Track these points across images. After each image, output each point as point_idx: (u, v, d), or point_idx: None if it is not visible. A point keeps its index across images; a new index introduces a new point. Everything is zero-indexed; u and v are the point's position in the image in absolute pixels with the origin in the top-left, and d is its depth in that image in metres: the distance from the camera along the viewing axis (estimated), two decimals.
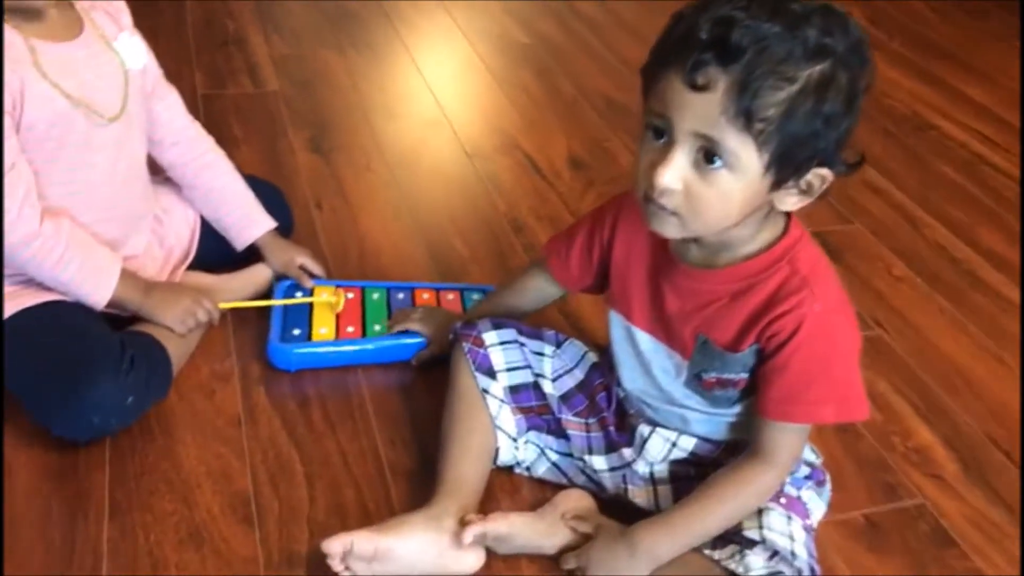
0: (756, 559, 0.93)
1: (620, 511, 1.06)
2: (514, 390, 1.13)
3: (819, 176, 0.85)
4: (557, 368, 1.15)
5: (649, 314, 1.01)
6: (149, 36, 1.28)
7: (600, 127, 1.96)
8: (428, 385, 1.26)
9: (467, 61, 2.24)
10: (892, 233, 1.70)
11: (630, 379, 1.07)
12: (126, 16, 1.26)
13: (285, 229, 1.47)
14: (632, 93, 2.08)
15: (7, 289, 1.16)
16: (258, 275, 1.38)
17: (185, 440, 1.17)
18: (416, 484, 1.13)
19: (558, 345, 1.17)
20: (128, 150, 1.25)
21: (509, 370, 1.13)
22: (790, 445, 0.95)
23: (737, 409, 1.00)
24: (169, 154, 1.35)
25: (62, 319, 1.14)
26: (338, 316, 1.32)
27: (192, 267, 1.37)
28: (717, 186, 0.82)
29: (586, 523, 1.03)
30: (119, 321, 1.22)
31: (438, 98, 2.03)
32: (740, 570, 0.92)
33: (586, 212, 1.15)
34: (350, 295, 1.36)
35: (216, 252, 1.39)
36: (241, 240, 1.38)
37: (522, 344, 1.15)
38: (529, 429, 1.13)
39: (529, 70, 2.18)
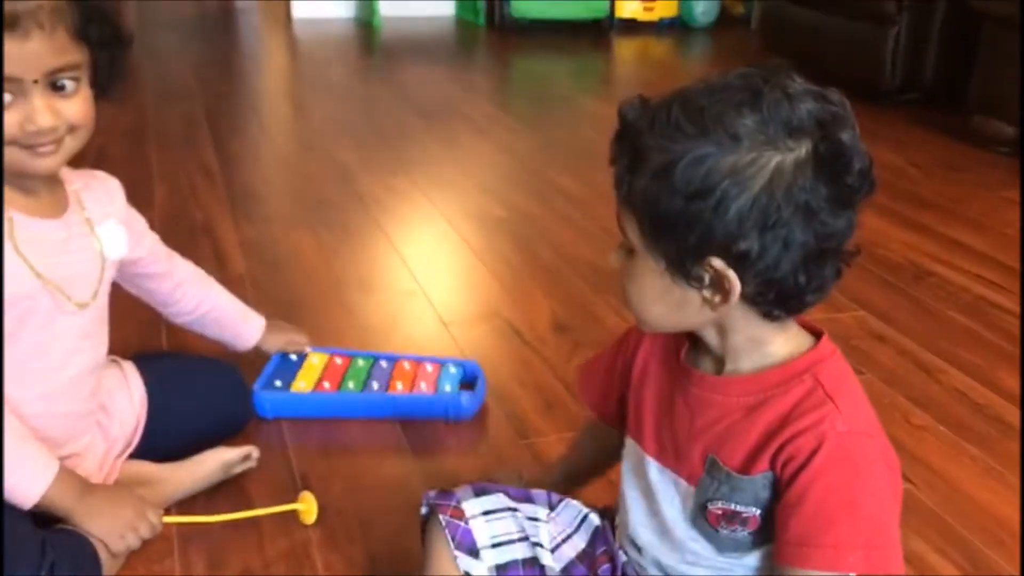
0: None
1: None
2: (502, 568, 0.94)
3: (715, 270, 0.74)
4: (555, 535, 0.98)
5: (658, 435, 0.88)
6: None
7: (584, 291, 1.87)
8: (397, 570, 1.10)
9: (443, 235, 2.18)
10: (905, 382, 1.57)
11: (639, 522, 0.91)
12: (120, 197, 1.20)
13: (243, 414, 1.37)
14: None
15: None
16: (205, 465, 1.23)
17: None
18: None
19: (552, 508, 1.00)
20: (89, 342, 1.14)
21: (496, 546, 0.95)
22: None
23: (753, 562, 0.84)
24: (181, 292, 1.37)
25: None
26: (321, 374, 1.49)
27: (136, 455, 1.23)
28: (629, 268, 0.80)
29: None
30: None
31: (413, 271, 1.96)
32: None
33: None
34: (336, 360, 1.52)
35: (163, 438, 1.25)
36: (245, 346, 1.47)
37: (513, 511, 0.97)
38: None
39: (508, 241, 2.11)
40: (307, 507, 1.18)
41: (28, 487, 1.02)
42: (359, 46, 4.29)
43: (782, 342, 0.81)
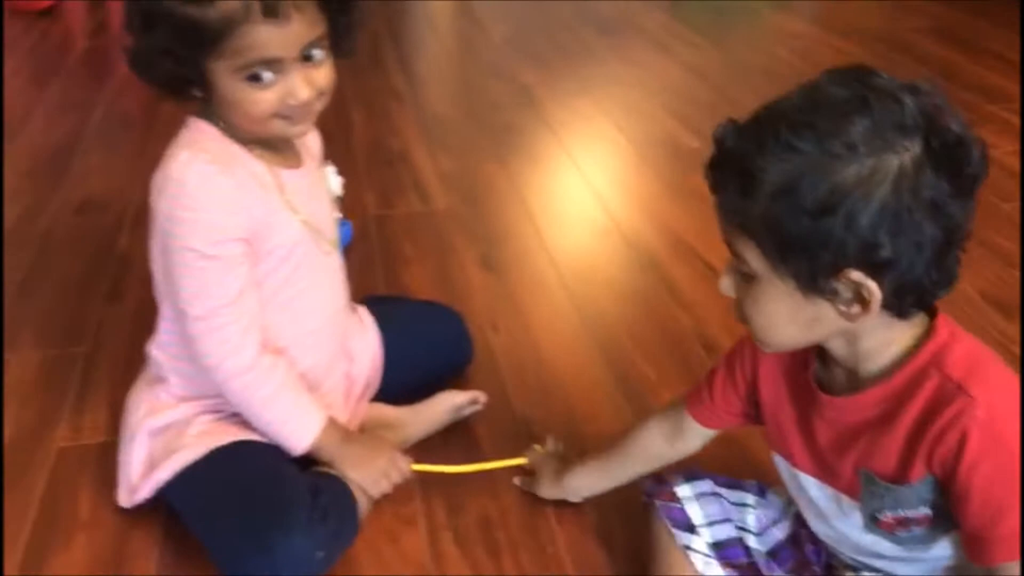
0: None
1: None
2: (719, 546, 1.01)
3: (853, 283, 0.73)
4: (762, 520, 1.03)
5: (808, 453, 0.90)
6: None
7: None
8: (631, 534, 1.14)
9: (634, 166, 2.16)
10: None
11: (816, 527, 0.94)
12: (320, 138, 1.26)
13: (465, 359, 1.41)
14: None
15: (201, 427, 1.12)
16: (439, 408, 1.30)
17: None
18: None
19: (761, 494, 1.05)
20: (339, 280, 1.23)
21: (710, 524, 1.02)
22: None
23: (943, 551, 0.84)
24: None
25: (253, 462, 1.09)
26: None
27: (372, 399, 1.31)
28: (751, 294, 0.80)
29: None
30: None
31: (607, 205, 1.96)
32: None
33: None
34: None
35: (395, 383, 1.32)
36: None
37: (720, 495, 1.04)
38: None
39: (702, 175, 2.07)
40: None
41: (301, 434, 1.11)
42: None
43: (904, 332, 0.81)
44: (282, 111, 1.02)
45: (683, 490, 1.03)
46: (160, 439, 1.12)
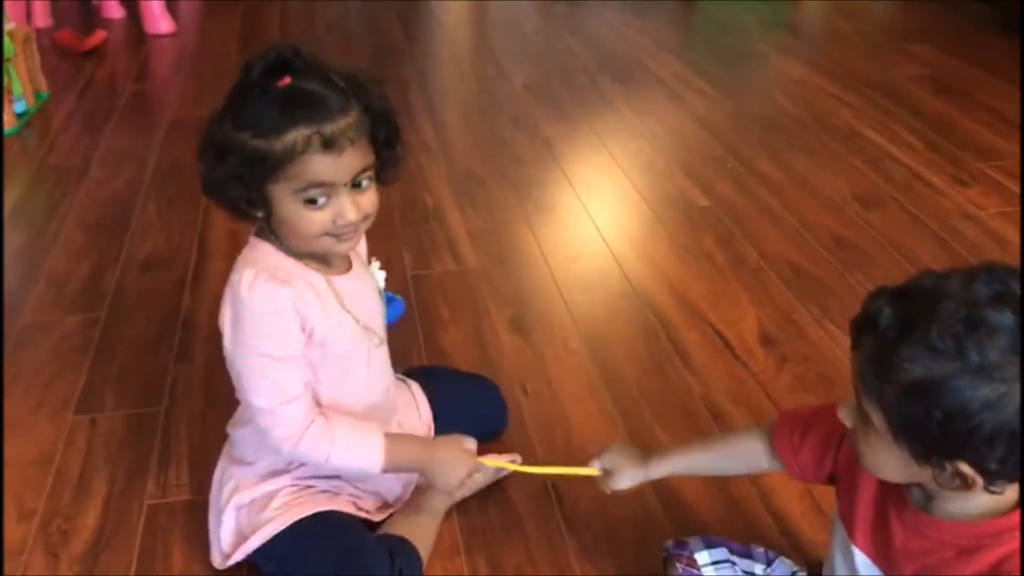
0: None
1: None
2: None
3: (961, 472, 0.86)
4: None
5: (872, 537, 1.03)
6: None
7: (787, 297, 2.01)
8: None
9: (648, 226, 2.34)
10: None
11: None
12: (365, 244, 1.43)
13: (502, 426, 1.60)
14: (817, 262, 2.14)
15: (284, 499, 1.29)
16: (484, 477, 1.49)
17: None
18: None
19: (768, 563, 1.21)
20: (386, 368, 1.39)
21: None
22: None
23: None
24: None
25: (335, 531, 1.26)
26: None
27: None
28: (866, 436, 0.91)
29: None
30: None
31: (624, 267, 2.13)
32: None
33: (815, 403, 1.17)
34: None
35: None
36: None
37: (733, 563, 1.20)
38: None
39: (711, 235, 2.26)
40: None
41: (372, 462, 1.25)
42: None
43: (989, 495, 0.92)
44: (331, 230, 1.18)
45: (702, 557, 1.20)
46: (245, 512, 1.30)
